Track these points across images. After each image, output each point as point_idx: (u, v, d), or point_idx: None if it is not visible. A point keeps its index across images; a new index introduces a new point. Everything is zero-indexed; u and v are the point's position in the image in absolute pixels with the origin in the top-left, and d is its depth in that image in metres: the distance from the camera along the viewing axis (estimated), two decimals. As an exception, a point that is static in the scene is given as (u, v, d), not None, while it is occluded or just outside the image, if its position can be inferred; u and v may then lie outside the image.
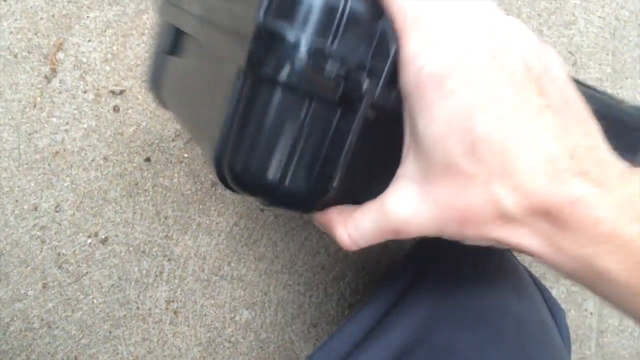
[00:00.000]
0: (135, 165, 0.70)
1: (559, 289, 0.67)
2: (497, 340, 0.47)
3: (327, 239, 0.68)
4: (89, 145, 0.70)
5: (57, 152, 0.70)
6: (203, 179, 0.70)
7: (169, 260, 0.67)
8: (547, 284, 0.67)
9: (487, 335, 0.47)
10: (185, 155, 0.71)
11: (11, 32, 0.71)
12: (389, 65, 0.27)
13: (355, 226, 0.30)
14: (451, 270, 0.53)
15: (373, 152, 0.29)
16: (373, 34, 0.26)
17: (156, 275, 0.67)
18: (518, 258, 0.68)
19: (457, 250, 0.58)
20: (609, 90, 0.75)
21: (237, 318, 0.66)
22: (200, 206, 0.69)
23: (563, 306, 0.67)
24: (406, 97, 0.27)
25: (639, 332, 0.67)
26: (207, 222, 0.69)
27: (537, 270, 0.68)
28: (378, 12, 0.26)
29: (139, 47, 0.73)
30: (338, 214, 0.32)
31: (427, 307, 0.49)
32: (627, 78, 0.76)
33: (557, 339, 0.52)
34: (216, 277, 0.67)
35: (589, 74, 0.74)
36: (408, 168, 0.28)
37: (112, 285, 0.66)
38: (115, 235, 0.68)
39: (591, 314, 0.66)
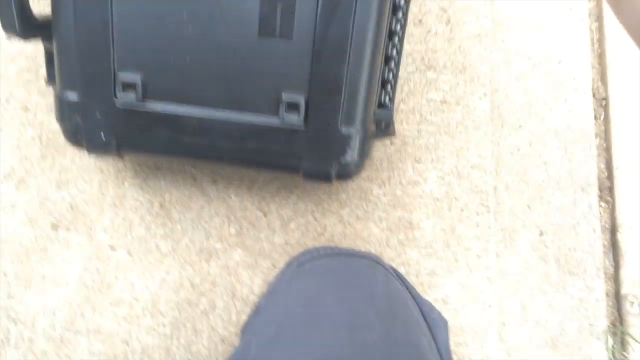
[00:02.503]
0: (-40, 221, 0.61)
1: (453, 284, 0.60)
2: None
3: (190, 269, 0.61)
4: None
5: None
6: (42, 224, 0.62)
7: (15, 322, 0.59)
8: (438, 280, 0.60)
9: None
10: (19, 199, 0.62)
11: None
12: None
13: None
14: (321, 297, 0.46)
15: None
16: None
17: (2, 342, 0.59)
18: (401, 269, 0.60)
19: (328, 272, 0.51)
20: (490, 46, 0.66)
21: (97, 376, 0.59)
22: (43, 255, 0.61)
23: (458, 302, 0.60)
24: None
25: (546, 319, 0.60)
26: (53, 272, 0.61)
27: (426, 267, 0.60)
28: None
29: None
30: None
31: None
32: (509, 29, 0.66)
33: None
34: (70, 333, 0.59)
35: (466, 31, 0.65)
36: None
37: (-46, 361, 0.59)
38: (-50, 304, 0.60)
39: (490, 306, 0.59)
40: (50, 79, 0.50)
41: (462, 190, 0.62)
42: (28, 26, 0.43)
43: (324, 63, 0.45)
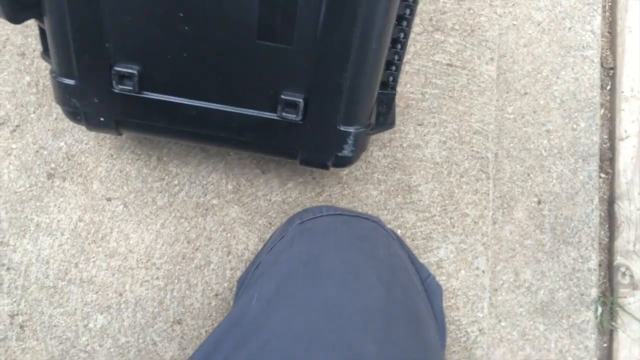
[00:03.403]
0: (-47, 165, 0.60)
1: (447, 248, 0.60)
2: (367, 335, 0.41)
3: (185, 224, 0.60)
4: None
5: None
6: (37, 171, 0.61)
7: (8, 269, 0.59)
8: (433, 244, 0.60)
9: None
10: (14, 146, 0.61)
11: None
12: None
13: None
14: (323, 256, 0.46)
15: None
16: None
17: (-4, 288, 0.59)
18: (399, 233, 0.60)
19: (331, 231, 0.51)
20: (500, 10, 0.64)
21: (91, 325, 0.59)
22: (38, 203, 0.60)
23: (452, 266, 0.60)
24: None
25: (537, 286, 0.61)
26: (47, 220, 0.60)
27: (422, 230, 0.60)
28: None
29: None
30: None
31: None
32: (521, -7, 0.65)
33: (430, 331, 0.46)
34: (63, 282, 0.59)
35: (477, -7, 0.63)
36: None
37: (-52, 305, 0.59)
38: (-57, 248, 0.59)
39: (483, 272, 0.60)
40: (46, 53, 0.49)
41: (463, 156, 0.61)
42: (18, 8, 0.41)
43: (325, 69, 0.44)
